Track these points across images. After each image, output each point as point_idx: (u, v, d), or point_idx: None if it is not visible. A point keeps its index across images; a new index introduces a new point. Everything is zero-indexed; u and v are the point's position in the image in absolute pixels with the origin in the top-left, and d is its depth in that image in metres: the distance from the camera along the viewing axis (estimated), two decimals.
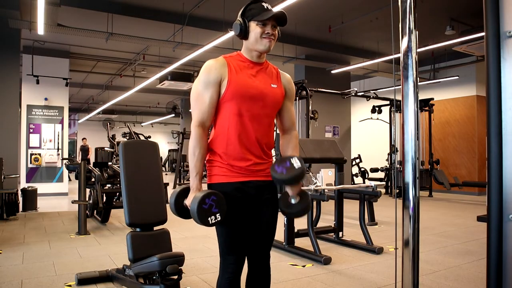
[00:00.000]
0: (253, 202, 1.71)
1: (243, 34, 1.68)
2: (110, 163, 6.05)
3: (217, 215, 1.58)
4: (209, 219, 1.57)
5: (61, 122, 9.13)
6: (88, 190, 5.37)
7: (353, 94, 8.93)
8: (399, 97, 1.63)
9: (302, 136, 7.39)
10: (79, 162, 5.19)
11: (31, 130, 8.87)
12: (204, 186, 1.67)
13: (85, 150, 15.10)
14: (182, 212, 1.69)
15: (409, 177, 1.55)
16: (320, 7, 7.14)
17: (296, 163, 1.62)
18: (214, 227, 1.69)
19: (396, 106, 7.23)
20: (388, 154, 9.84)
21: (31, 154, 8.78)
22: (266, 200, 1.74)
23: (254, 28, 1.66)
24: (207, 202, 1.56)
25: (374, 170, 10.10)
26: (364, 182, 10.58)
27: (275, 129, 1.85)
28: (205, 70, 1.67)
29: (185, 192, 1.69)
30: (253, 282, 1.78)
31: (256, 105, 1.68)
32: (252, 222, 1.73)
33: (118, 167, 4.86)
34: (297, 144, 1.88)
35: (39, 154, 8.85)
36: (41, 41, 8.63)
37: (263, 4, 1.67)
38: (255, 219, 1.73)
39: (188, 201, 1.64)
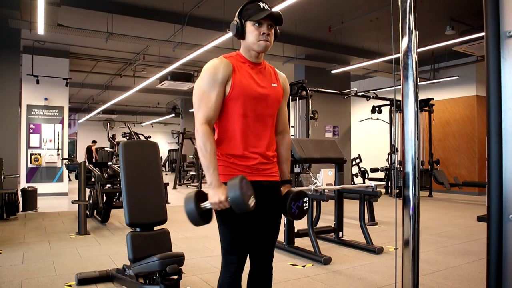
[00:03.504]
0: (257, 202, 1.69)
1: (240, 34, 1.69)
2: (110, 163, 6.05)
3: (252, 197, 1.54)
4: (249, 202, 1.51)
5: (61, 122, 9.13)
6: (88, 190, 5.37)
7: (353, 94, 8.93)
8: (399, 97, 1.63)
9: (302, 136, 7.38)
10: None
11: (31, 130, 8.86)
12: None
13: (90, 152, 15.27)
14: (205, 216, 1.57)
15: (409, 177, 1.55)
16: (320, 7, 7.14)
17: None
18: (216, 226, 1.69)
19: (396, 106, 7.23)
20: (388, 154, 9.83)
21: (31, 154, 8.78)
22: (270, 200, 1.74)
23: (251, 28, 1.66)
24: (243, 185, 1.51)
25: (374, 170, 10.10)
26: (364, 182, 10.58)
27: None
28: (210, 69, 1.65)
29: (201, 195, 1.59)
30: (255, 282, 1.78)
31: (259, 105, 1.69)
32: (255, 223, 1.73)
33: (118, 167, 4.86)
34: (289, 148, 1.91)
35: (39, 154, 8.84)
36: (41, 41, 8.63)
37: (260, 4, 1.67)
38: (259, 219, 1.73)
39: (212, 199, 1.55)
